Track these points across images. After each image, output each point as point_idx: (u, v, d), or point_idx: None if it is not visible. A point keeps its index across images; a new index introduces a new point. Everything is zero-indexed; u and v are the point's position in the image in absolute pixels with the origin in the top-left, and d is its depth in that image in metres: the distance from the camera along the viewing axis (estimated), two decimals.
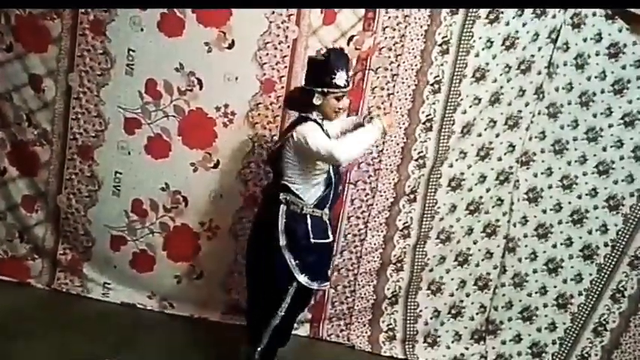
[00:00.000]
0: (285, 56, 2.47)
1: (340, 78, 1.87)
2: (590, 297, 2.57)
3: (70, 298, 2.67)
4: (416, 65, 2.49)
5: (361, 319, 2.77)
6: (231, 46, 2.43)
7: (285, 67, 2.48)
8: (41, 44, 2.48)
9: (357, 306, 2.75)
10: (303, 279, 1.98)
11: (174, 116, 2.52)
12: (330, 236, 2.08)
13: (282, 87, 2.51)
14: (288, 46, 2.46)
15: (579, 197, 2.54)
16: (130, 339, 2.38)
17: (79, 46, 2.48)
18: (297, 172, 1.95)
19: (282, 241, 1.95)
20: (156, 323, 2.58)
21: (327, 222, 2.06)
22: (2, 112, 2.57)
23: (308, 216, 1.96)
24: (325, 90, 1.89)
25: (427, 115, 2.54)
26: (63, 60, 2.50)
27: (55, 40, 2.48)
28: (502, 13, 2.38)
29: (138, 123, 2.54)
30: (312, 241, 1.96)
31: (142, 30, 2.42)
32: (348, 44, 2.45)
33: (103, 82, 2.51)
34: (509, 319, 2.72)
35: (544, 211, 2.61)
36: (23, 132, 2.58)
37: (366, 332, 2.76)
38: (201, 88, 2.48)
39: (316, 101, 1.90)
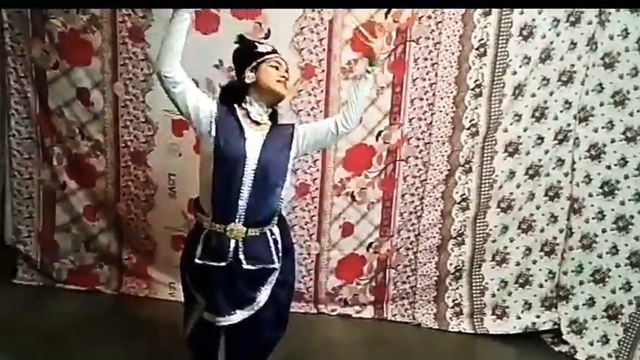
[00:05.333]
0: (322, 39, 2.45)
1: (263, 47, 1.69)
2: None
3: (139, 301, 2.75)
4: (458, 30, 2.42)
5: (425, 296, 2.73)
6: (267, 35, 2.42)
7: (324, 49, 2.45)
8: (85, 58, 2.55)
9: (420, 284, 2.72)
10: (200, 300, 1.68)
11: None
12: (229, 260, 1.59)
13: (323, 70, 2.49)
14: (325, 28, 2.43)
15: None
16: None
17: (121, 55, 2.54)
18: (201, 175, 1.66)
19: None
20: None
21: (233, 241, 1.59)
22: (56, 128, 2.66)
23: (205, 232, 1.62)
24: (256, 63, 1.66)
25: (475, 81, 2.47)
26: (107, 71, 2.56)
27: (97, 52, 2.54)
28: None
29: (185, 124, 2.56)
30: (196, 261, 1.61)
31: None
32: (385, 17, 2.40)
33: (147, 88, 2.56)
34: (581, 283, 2.61)
35: (608, 167, 2.49)
36: (77, 145, 2.67)
37: (432, 309, 2.73)
38: None
39: (248, 80, 1.65)
